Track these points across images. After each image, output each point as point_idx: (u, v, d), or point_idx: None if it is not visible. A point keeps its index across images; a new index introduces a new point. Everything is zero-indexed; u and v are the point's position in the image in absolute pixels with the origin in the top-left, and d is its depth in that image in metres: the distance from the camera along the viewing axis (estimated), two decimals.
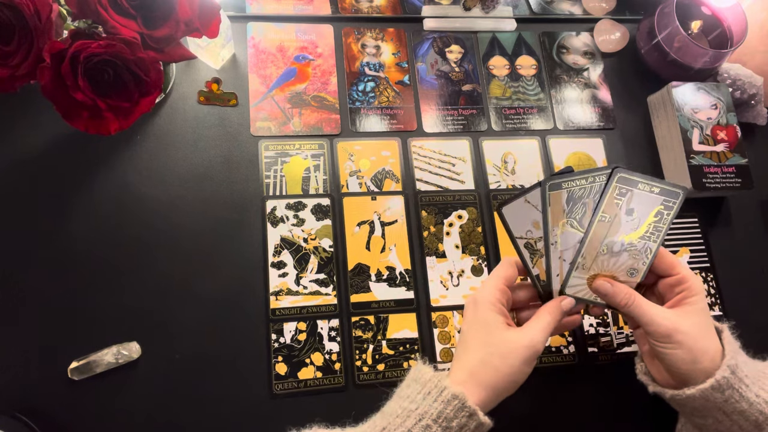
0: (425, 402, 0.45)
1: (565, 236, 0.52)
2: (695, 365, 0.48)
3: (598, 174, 0.52)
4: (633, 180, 0.52)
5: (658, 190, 0.52)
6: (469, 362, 0.48)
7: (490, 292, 0.50)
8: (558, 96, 0.76)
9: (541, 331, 0.49)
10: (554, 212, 0.52)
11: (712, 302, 0.67)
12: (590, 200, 0.52)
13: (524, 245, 0.54)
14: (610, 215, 0.52)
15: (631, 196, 0.52)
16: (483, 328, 0.49)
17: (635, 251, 0.52)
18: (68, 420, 0.55)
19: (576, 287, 0.52)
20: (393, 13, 0.77)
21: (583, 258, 0.52)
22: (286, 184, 0.66)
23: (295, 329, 0.61)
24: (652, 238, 0.52)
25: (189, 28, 0.53)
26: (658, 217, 0.52)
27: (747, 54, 0.77)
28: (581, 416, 0.62)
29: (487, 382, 0.47)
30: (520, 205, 0.53)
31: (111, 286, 0.59)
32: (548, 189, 0.52)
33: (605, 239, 0.52)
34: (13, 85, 0.49)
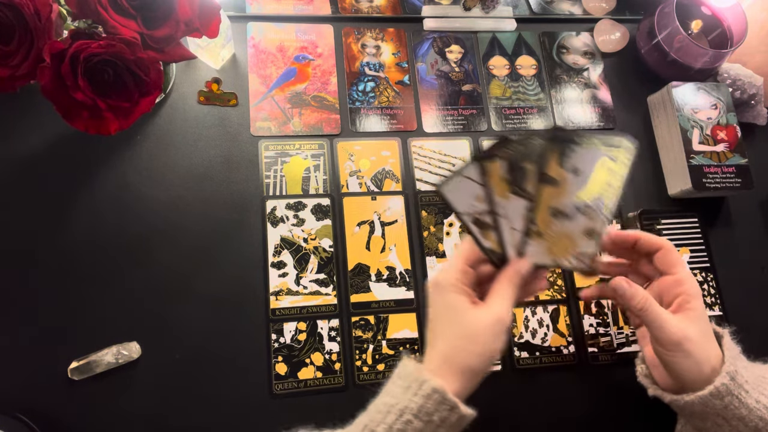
0: (405, 396, 0.45)
1: (511, 205, 0.50)
2: (699, 373, 0.48)
3: (534, 138, 0.49)
4: (574, 139, 0.49)
5: (603, 145, 0.50)
6: (441, 349, 0.47)
7: (450, 273, 0.50)
8: (558, 96, 0.76)
9: (504, 302, 0.48)
10: (495, 183, 0.50)
11: (712, 302, 0.67)
12: (531, 165, 0.50)
13: (472, 221, 0.51)
14: (555, 177, 0.50)
15: (574, 156, 0.49)
16: (449, 311, 0.48)
17: (590, 211, 0.50)
18: (68, 420, 0.55)
19: (534, 254, 0.51)
20: (393, 13, 0.77)
21: (536, 225, 0.50)
22: (286, 184, 0.66)
23: (295, 329, 0.61)
24: (606, 196, 0.50)
25: (189, 28, 0.53)
26: (607, 173, 0.50)
27: (747, 54, 0.77)
28: (581, 416, 0.62)
29: (462, 366, 0.46)
30: (459, 182, 0.50)
31: (111, 286, 0.59)
32: (484, 160, 0.50)
33: (555, 203, 0.50)
34: (13, 85, 0.49)
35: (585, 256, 0.51)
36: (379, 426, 0.44)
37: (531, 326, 0.65)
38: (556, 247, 0.51)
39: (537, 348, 0.64)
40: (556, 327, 0.65)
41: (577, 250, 0.51)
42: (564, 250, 0.51)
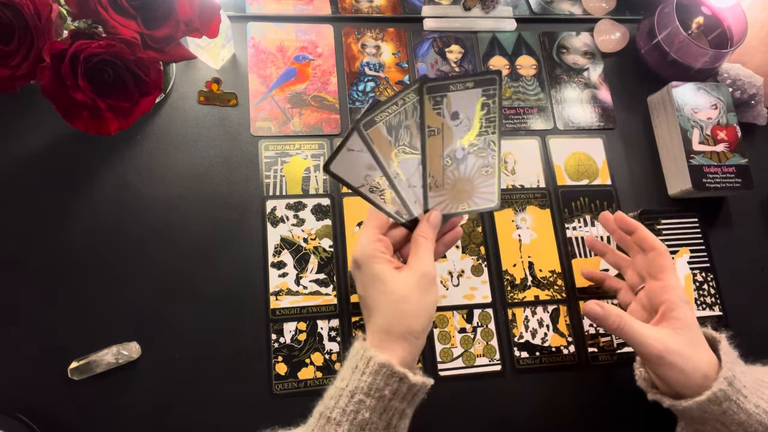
0: (354, 377, 0.45)
1: (403, 165, 0.51)
2: (689, 382, 0.49)
3: (406, 94, 0.50)
4: (443, 85, 0.50)
5: (473, 84, 0.50)
6: (379, 320, 0.48)
7: (367, 247, 0.50)
8: (558, 96, 0.76)
9: (423, 256, 0.49)
10: (381, 148, 0.50)
11: (712, 302, 0.67)
12: (411, 121, 0.50)
13: (369, 191, 0.51)
14: (436, 127, 0.51)
15: (448, 101, 0.50)
16: (376, 281, 0.49)
17: (479, 150, 0.52)
18: (68, 420, 0.55)
19: (439, 205, 0.53)
20: (393, 13, 0.77)
21: (432, 177, 0.52)
22: (286, 184, 0.66)
23: (295, 329, 0.61)
24: (489, 131, 0.52)
25: (189, 28, 0.53)
26: (485, 109, 0.51)
27: (747, 54, 0.77)
28: (581, 416, 0.62)
29: (404, 330, 0.47)
30: (346, 156, 0.50)
31: (111, 286, 0.59)
32: (363, 128, 0.49)
33: (444, 151, 0.51)
34: (13, 85, 0.49)
35: (488, 193, 0.53)
36: (333, 411, 0.45)
37: (531, 326, 0.65)
38: (458, 193, 0.53)
39: (537, 348, 0.64)
40: (556, 327, 0.65)
41: (479, 189, 0.53)
42: (467, 193, 0.53)
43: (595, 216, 0.70)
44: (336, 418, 0.44)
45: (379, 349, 0.46)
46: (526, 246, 0.68)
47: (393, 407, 0.45)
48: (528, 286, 0.66)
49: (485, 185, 0.53)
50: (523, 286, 0.66)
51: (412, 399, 0.47)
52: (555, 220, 0.69)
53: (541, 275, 0.67)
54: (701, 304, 0.67)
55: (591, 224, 0.70)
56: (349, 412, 0.44)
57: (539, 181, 0.71)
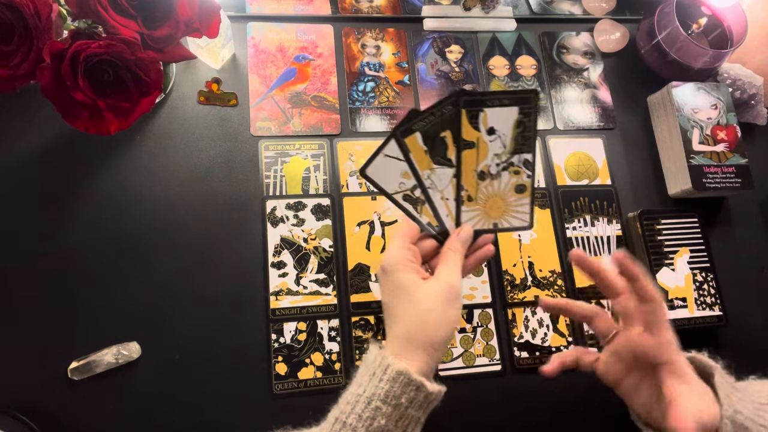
0: (371, 383, 0.45)
1: (437, 176, 0.52)
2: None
3: (443, 106, 0.50)
4: (480, 100, 0.50)
5: (509, 101, 0.50)
6: (401, 329, 0.48)
7: (396, 254, 0.50)
8: (558, 96, 0.76)
9: (451, 269, 0.49)
10: (417, 157, 0.51)
11: (712, 302, 0.67)
12: (447, 133, 0.51)
13: (403, 198, 0.52)
14: (472, 140, 0.51)
15: (484, 116, 0.50)
16: (400, 291, 0.49)
17: (514, 167, 0.52)
18: (68, 420, 0.55)
19: (471, 220, 0.52)
20: (393, 13, 0.77)
21: (465, 190, 0.52)
22: (286, 184, 0.66)
23: (295, 329, 0.61)
24: (524, 149, 0.51)
25: (189, 28, 0.53)
26: (521, 127, 0.51)
27: (747, 54, 0.77)
28: (581, 416, 0.62)
29: (424, 341, 0.47)
30: (381, 162, 0.51)
31: (111, 286, 0.59)
32: (400, 136, 0.50)
33: (478, 165, 0.51)
34: (13, 85, 0.49)
35: (521, 212, 0.53)
36: (349, 417, 0.44)
37: (531, 326, 0.65)
38: (491, 209, 0.53)
39: (537, 348, 0.64)
40: (556, 327, 0.65)
41: (512, 208, 0.53)
42: (499, 210, 0.53)
43: (595, 216, 0.70)
44: (352, 424, 0.44)
45: (398, 357, 0.46)
46: (526, 246, 0.68)
47: (409, 415, 0.45)
48: (528, 286, 0.66)
49: (519, 204, 0.53)
50: (523, 286, 0.66)
51: (428, 407, 0.46)
52: (555, 220, 0.69)
53: (541, 275, 0.67)
54: (701, 304, 0.67)
55: (591, 224, 0.70)
56: (365, 418, 0.44)
57: (539, 181, 0.71)
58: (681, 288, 0.67)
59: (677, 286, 0.67)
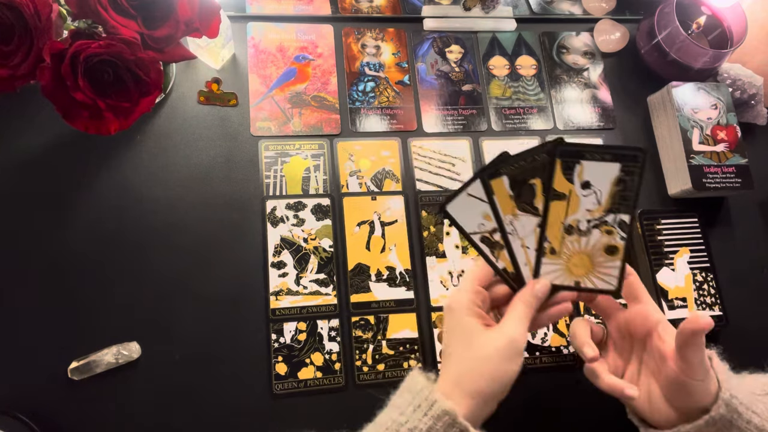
0: (415, 415, 0.44)
1: (520, 222, 0.49)
2: (695, 404, 0.48)
3: (537, 152, 0.48)
4: (578, 151, 0.48)
5: (611, 157, 0.48)
6: (453, 371, 0.47)
7: (463, 296, 0.49)
8: (558, 96, 0.76)
9: (516, 323, 0.47)
10: (501, 200, 0.49)
11: (712, 302, 0.67)
12: (537, 180, 0.48)
13: (480, 240, 0.50)
14: (563, 192, 0.48)
15: (581, 169, 0.48)
16: (461, 334, 0.48)
17: (607, 227, 0.49)
18: (68, 420, 0.55)
19: (551, 273, 0.50)
20: (393, 13, 0.77)
21: (549, 242, 0.49)
22: (286, 184, 0.66)
23: (295, 329, 0.61)
24: (621, 209, 0.48)
25: (189, 28, 0.53)
26: (620, 186, 0.48)
27: (747, 54, 0.77)
28: (582, 416, 0.62)
29: (474, 389, 0.45)
30: (464, 200, 0.49)
31: (111, 286, 0.59)
32: (487, 177, 0.49)
33: (566, 218, 0.49)
34: (13, 85, 0.49)
35: (608, 275, 0.49)
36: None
37: None
38: (575, 266, 0.50)
39: (537, 348, 0.64)
40: (556, 327, 0.65)
41: (599, 268, 0.49)
42: (584, 268, 0.50)
43: None
44: None
45: (446, 396, 0.45)
46: None
47: None
48: None
49: (606, 265, 0.49)
50: None
51: None
52: None
53: None
54: (701, 304, 0.67)
55: None
56: None
57: None
58: (681, 288, 0.67)
59: (677, 286, 0.67)
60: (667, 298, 0.66)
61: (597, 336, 0.55)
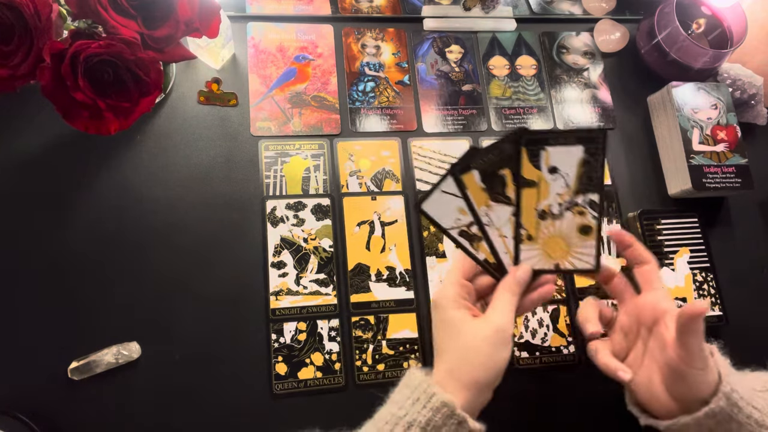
0: (414, 408, 0.45)
1: (495, 213, 0.50)
2: (694, 396, 0.48)
3: (503, 144, 0.49)
4: (542, 138, 0.49)
5: (574, 140, 0.49)
6: (446, 364, 0.47)
7: (447, 289, 0.50)
8: (558, 96, 0.76)
9: (503, 310, 0.48)
10: (474, 194, 0.50)
11: (712, 302, 0.67)
12: (506, 171, 0.50)
13: (459, 234, 0.51)
14: (532, 179, 0.49)
15: (546, 155, 0.49)
16: (449, 327, 0.48)
17: (578, 208, 0.50)
18: (68, 420, 0.55)
19: (530, 259, 0.51)
20: (393, 13, 0.77)
21: (524, 229, 0.50)
22: (286, 184, 0.66)
23: (295, 329, 0.61)
24: (589, 189, 0.49)
25: (189, 28, 0.53)
26: (586, 167, 0.49)
27: (747, 54, 0.77)
28: (581, 416, 0.62)
29: (467, 379, 0.46)
30: (438, 198, 0.50)
31: (111, 286, 0.59)
32: (458, 173, 0.50)
33: (539, 204, 0.50)
34: (13, 85, 0.49)
35: (585, 254, 0.51)
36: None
37: (531, 326, 0.65)
38: (552, 249, 0.51)
39: (537, 348, 0.64)
40: (556, 327, 0.65)
41: (576, 249, 0.51)
42: (562, 251, 0.51)
43: None
44: None
45: (443, 388, 0.45)
46: None
47: None
48: None
49: (582, 245, 0.51)
50: None
51: None
52: None
53: None
54: None
55: None
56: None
57: None
58: (681, 288, 0.67)
59: (677, 286, 0.67)
60: None
61: (606, 317, 0.55)
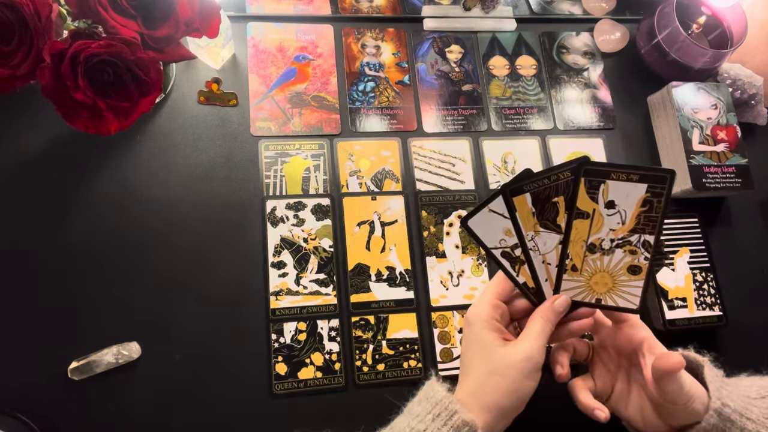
0: (434, 425, 0.44)
1: (542, 239, 0.50)
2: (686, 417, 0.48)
3: (561, 170, 0.48)
4: (604, 171, 0.48)
5: (638, 178, 0.47)
6: (471, 384, 0.47)
7: (481, 309, 0.49)
8: (558, 96, 0.76)
9: (535, 339, 0.47)
10: (523, 217, 0.49)
11: (712, 302, 0.67)
12: (560, 198, 0.49)
13: (501, 254, 0.51)
14: (587, 211, 0.48)
15: (605, 189, 0.48)
16: (479, 348, 0.48)
17: (630, 246, 0.49)
18: (68, 420, 0.55)
19: (572, 291, 0.50)
20: (393, 13, 0.77)
21: (570, 259, 0.49)
22: (286, 184, 0.66)
23: (295, 329, 0.61)
24: (646, 230, 0.48)
25: (189, 28, 0.53)
26: (646, 206, 0.48)
27: (747, 54, 0.77)
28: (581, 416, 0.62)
29: (491, 403, 0.45)
30: (485, 216, 0.50)
31: (111, 286, 0.59)
32: (509, 194, 0.49)
33: (589, 237, 0.49)
34: (13, 85, 0.49)
35: (630, 294, 0.49)
36: None
37: None
38: (596, 283, 0.50)
39: None
40: None
41: (621, 287, 0.50)
42: (605, 286, 0.50)
43: None
44: None
45: (465, 408, 0.45)
46: None
47: None
48: None
49: (628, 284, 0.49)
50: None
51: None
52: None
53: None
54: (701, 304, 0.67)
55: None
56: None
57: None
58: (681, 288, 0.67)
59: (677, 286, 0.67)
60: (667, 298, 0.66)
61: (582, 352, 0.55)
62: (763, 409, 0.49)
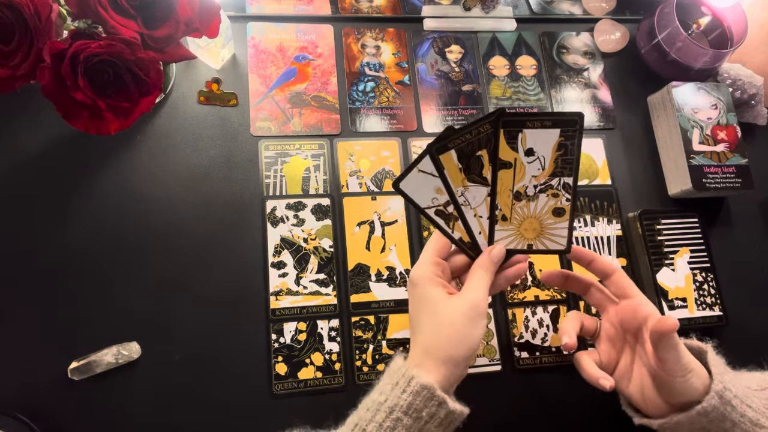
0: (393, 393, 0.45)
1: (471, 193, 0.51)
2: (687, 396, 0.49)
3: (481, 124, 0.50)
4: (520, 120, 0.50)
5: (551, 123, 0.49)
6: (421, 341, 0.48)
7: (423, 268, 0.50)
8: (558, 96, 0.76)
9: (477, 287, 0.49)
10: (451, 173, 0.51)
11: (712, 302, 0.67)
12: (483, 152, 0.50)
13: (435, 213, 0.52)
14: (509, 160, 0.50)
15: (523, 137, 0.50)
16: (426, 304, 0.49)
17: (552, 190, 0.51)
18: (68, 420, 0.55)
19: (505, 240, 0.52)
20: (393, 13, 0.77)
21: (500, 210, 0.51)
22: (286, 184, 0.66)
23: (295, 329, 0.61)
24: (564, 172, 0.50)
25: (189, 28, 0.53)
26: (562, 150, 0.50)
27: (747, 54, 0.77)
28: (581, 416, 0.62)
29: (443, 356, 0.46)
30: (416, 177, 0.51)
31: (111, 286, 0.59)
32: (435, 153, 0.50)
33: (514, 185, 0.51)
34: (13, 85, 0.49)
35: (558, 236, 0.52)
36: (369, 424, 0.44)
37: (531, 326, 0.65)
38: (526, 230, 0.52)
39: (537, 348, 0.64)
40: (556, 327, 0.65)
41: (548, 230, 0.52)
42: (535, 232, 0.52)
43: (595, 216, 0.70)
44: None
45: (420, 368, 0.46)
46: None
47: (428, 430, 0.45)
48: (528, 286, 0.66)
49: (555, 227, 0.52)
50: (523, 286, 0.66)
51: (448, 425, 0.46)
52: None
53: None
54: (701, 304, 0.67)
55: (591, 224, 0.70)
56: (385, 428, 0.44)
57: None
58: (681, 288, 0.67)
59: (677, 286, 0.67)
60: (667, 299, 0.66)
61: (590, 328, 0.57)
62: (763, 400, 0.49)
